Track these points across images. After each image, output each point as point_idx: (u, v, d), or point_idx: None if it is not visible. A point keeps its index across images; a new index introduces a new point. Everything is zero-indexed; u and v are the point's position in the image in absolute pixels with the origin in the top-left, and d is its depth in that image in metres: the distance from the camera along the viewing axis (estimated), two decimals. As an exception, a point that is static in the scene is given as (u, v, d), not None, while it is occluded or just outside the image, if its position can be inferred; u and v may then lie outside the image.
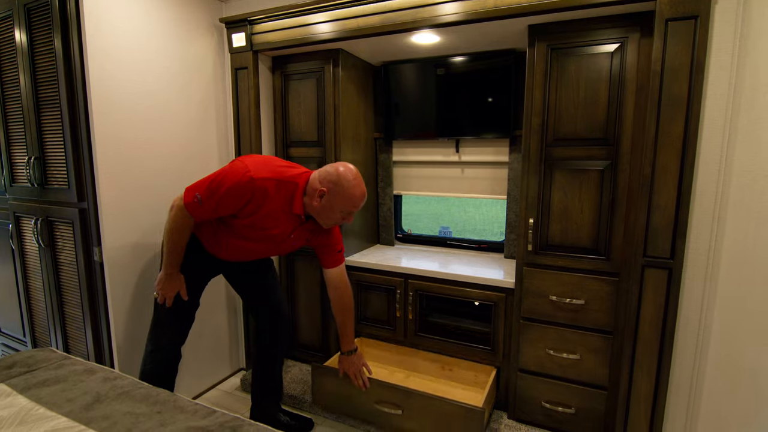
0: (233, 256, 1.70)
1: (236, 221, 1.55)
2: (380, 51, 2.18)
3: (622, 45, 1.59)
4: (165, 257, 1.59)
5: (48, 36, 1.82)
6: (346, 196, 1.53)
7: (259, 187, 1.45)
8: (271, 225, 1.56)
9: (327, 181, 1.53)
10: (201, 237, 1.65)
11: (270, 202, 1.50)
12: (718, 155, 1.44)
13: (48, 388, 1.29)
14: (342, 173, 1.53)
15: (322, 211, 1.56)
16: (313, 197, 1.55)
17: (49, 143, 1.92)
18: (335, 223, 1.62)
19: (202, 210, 1.49)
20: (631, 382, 1.63)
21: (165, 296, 1.63)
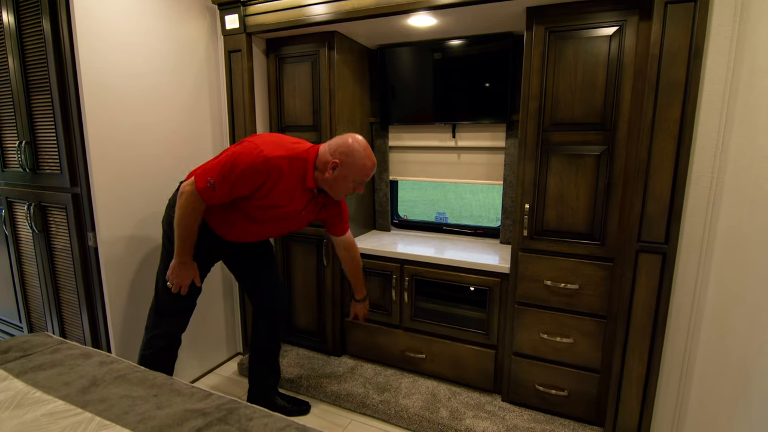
0: (242, 238, 1.69)
1: (249, 202, 1.54)
2: (376, 33, 2.14)
3: (620, 28, 1.57)
4: (177, 245, 1.54)
5: (36, 17, 1.78)
6: (359, 166, 1.54)
7: (274, 165, 1.45)
8: (284, 203, 1.56)
9: (339, 152, 1.53)
10: (209, 219, 1.63)
11: (284, 180, 1.50)
12: (715, 140, 1.44)
13: (44, 372, 1.29)
14: (352, 144, 1.54)
15: (335, 183, 1.57)
16: (325, 170, 1.55)
17: (40, 127, 1.90)
18: (347, 193, 1.63)
19: (216, 194, 1.47)
20: (623, 366, 1.65)
21: (180, 285, 1.60)
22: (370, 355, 2.35)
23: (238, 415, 1.11)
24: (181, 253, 1.55)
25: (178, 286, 1.61)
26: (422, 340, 2.19)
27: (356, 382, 2.14)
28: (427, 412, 1.91)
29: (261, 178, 1.45)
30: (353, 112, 2.30)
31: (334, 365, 2.30)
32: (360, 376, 2.20)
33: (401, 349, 2.24)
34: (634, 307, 1.60)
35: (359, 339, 2.36)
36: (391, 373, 2.23)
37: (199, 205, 1.50)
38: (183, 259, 1.56)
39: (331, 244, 2.24)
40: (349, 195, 1.66)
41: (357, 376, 2.20)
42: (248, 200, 1.54)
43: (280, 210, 1.58)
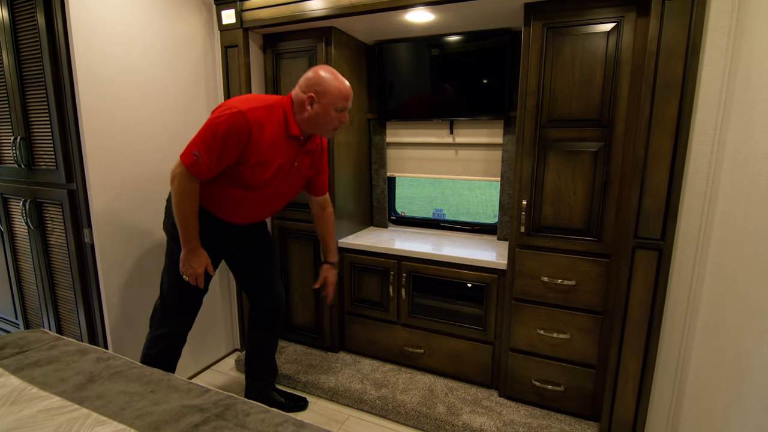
0: (243, 216, 1.65)
1: (240, 169, 1.50)
2: (374, 29, 2.13)
3: (618, 25, 1.57)
4: (181, 232, 1.50)
5: (31, 12, 1.76)
6: (334, 90, 1.50)
7: (253, 118, 1.43)
8: (273, 157, 1.52)
9: (310, 86, 1.51)
10: (207, 203, 1.58)
11: (267, 130, 1.47)
12: (711, 137, 1.44)
13: (40, 369, 1.29)
14: (320, 73, 1.51)
15: (318, 118, 1.53)
16: (303, 109, 1.53)
17: (35, 123, 1.88)
18: (334, 126, 1.57)
19: (205, 166, 1.43)
20: (619, 361, 1.66)
21: (195, 275, 1.54)
22: (368, 351, 2.35)
23: (235, 410, 1.11)
24: (187, 239, 1.51)
25: (194, 277, 1.55)
26: (420, 336, 2.19)
27: (354, 378, 2.14)
28: (424, 407, 1.92)
29: (245, 135, 1.42)
30: (351, 109, 2.29)
31: (332, 361, 2.31)
32: (357, 371, 2.21)
33: (399, 345, 2.25)
34: (631, 303, 1.60)
35: (357, 335, 2.36)
36: (388, 368, 2.24)
37: (192, 184, 1.46)
38: (191, 246, 1.52)
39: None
40: (336, 127, 1.59)
41: (354, 371, 2.21)
42: (239, 166, 1.50)
43: (272, 167, 1.54)
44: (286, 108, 1.54)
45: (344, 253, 2.30)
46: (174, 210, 1.49)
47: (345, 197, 2.33)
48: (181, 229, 1.50)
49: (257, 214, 1.70)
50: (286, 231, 2.37)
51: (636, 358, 1.63)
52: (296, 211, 2.29)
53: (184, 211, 1.48)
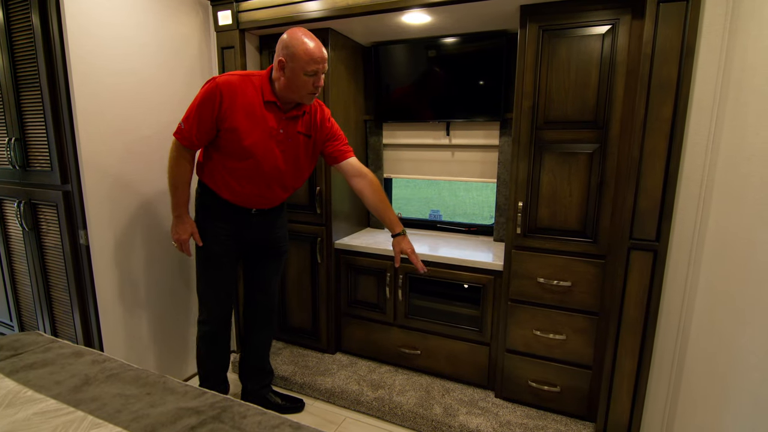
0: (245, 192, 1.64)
1: (221, 135, 1.55)
2: (371, 31, 2.14)
3: (613, 27, 1.58)
4: (171, 197, 1.64)
5: (25, 13, 1.75)
6: (301, 52, 1.46)
7: (224, 82, 1.50)
8: (250, 122, 1.53)
9: (280, 50, 1.50)
10: (212, 181, 1.65)
11: (240, 95, 1.52)
12: (706, 138, 1.45)
13: (35, 371, 1.28)
14: (290, 34, 1.49)
15: (290, 83, 1.51)
16: (278, 78, 1.53)
17: (29, 124, 1.87)
18: (309, 91, 1.53)
19: (187, 132, 1.54)
20: (615, 362, 1.67)
21: (179, 242, 1.69)
22: (365, 352, 2.35)
23: (231, 413, 1.11)
24: (174, 205, 1.65)
25: (179, 244, 1.69)
26: (417, 337, 2.19)
27: (350, 380, 2.14)
28: (420, 408, 1.92)
29: (216, 100, 1.50)
30: (347, 110, 2.29)
31: (328, 362, 2.31)
32: (354, 373, 2.21)
33: (396, 346, 2.25)
34: (626, 303, 1.61)
35: (354, 336, 2.36)
36: (385, 369, 2.24)
37: (181, 152, 1.59)
38: (177, 212, 1.65)
39: (326, 236, 2.24)
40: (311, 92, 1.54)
41: (351, 373, 2.21)
42: (220, 134, 1.55)
43: (252, 134, 1.54)
44: (263, 75, 1.57)
45: (340, 254, 2.30)
46: (168, 177, 1.63)
47: (341, 198, 2.33)
48: (170, 194, 1.64)
49: (260, 193, 1.66)
50: (283, 232, 2.36)
51: (631, 358, 1.64)
52: (292, 212, 2.28)
53: (172, 177, 1.62)
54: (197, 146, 1.59)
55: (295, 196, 2.27)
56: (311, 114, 1.70)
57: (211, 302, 1.77)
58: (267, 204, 1.73)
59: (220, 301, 1.78)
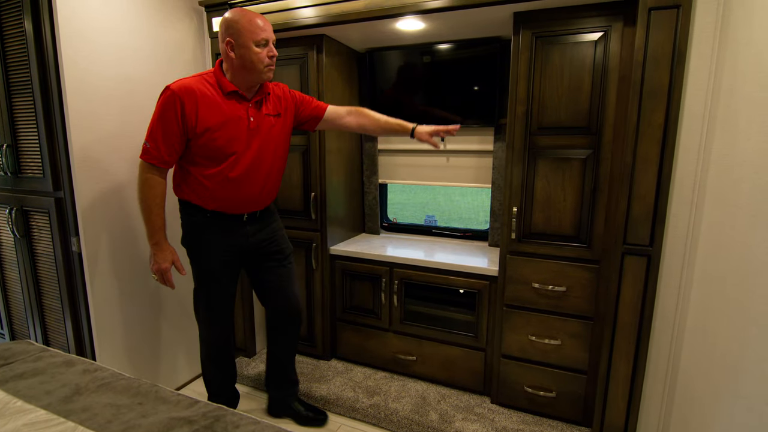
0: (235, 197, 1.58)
1: (194, 143, 1.48)
2: (365, 37, 2.14)
3: (605, 34, 1.59)
4: (145, 225, 1.52)
5: (18, 18, 1.74)
6: (246, 25, 1.45)
7: (180, 87, 1.44)
8: (218, 118, 1.49)
9: (223, 33, 1.48)
10: (193, 197, 1.57)
11: (201, 97, 1.46)
12: (698, 144, 1.46)
13: (25, 381, 1.26)
14: (228, 16, 1.48)
15: (244, 61, 1.47)
16: (230, 61, 1.49)
17: (22, 130, 1.86)
18: (265, 64, 1.50)
19: (154, 150, 1.46)
20: (610, 366, 1.67)
21: (160, 272, 1.56)
22: (360, 359, 2.34)
23: (224, 422, 1.10)
24: (151, 232, 1.52)
25: (161, 276, 1.56)
26: (412, 343, 2.19)
27: (346, 386, 2.13)
28: (416, 415, 1.91)
29: (177, 106, 1.43)
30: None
31: (324, 369, 2.29)
32: (350, 380, 2.19)
33: (391, 352, 2.24)
34: (620, 308, 1.62)
35: (349, 342, 2.35)
36: (381, 376, 2.23)
37: (149, 174, 1.48)
38: (155, 239, 1.53)
39: (321, 242, 2.23)
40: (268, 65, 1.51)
41: (346, 379, 2.19)
42: (192, 142, 1.48)
43: (224, 130, 1.50)
44: (215, 71, 1.53)
45: (335, 260, 2.30)
46: (138, 202, 1.51)
47: (337, 204, 2.33)
48: (144, 220, 1.52)
49: (248, 192, 1.61)
50: (278, 238, 2.35)
51: (626, 363, 1.64)
52: (286, 218, 2.28)
53: (145, 201, 1.50)
54: (169, 163, 1.50)
55: (290, 202, 2.27)
56: (273, 93, 1.66)
57: (211, 320, 1.73)
58: (257, 205, 1.67)
59: (219, 319, 1.74)
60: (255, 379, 2.23)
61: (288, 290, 1.84)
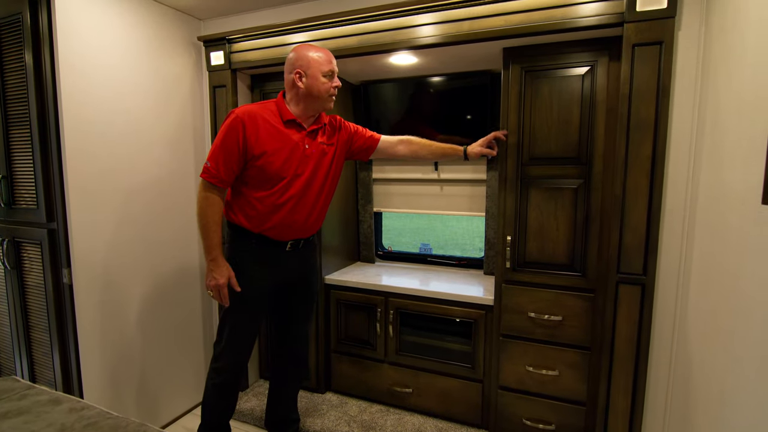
0: (284, 223, 1.60)
1: (251, 165, 1.54)
2: (359, 71, 2.20)
3: (592, 68, 1.64)
4: (203, 241, 1.55)
5: (18, 52, 1.78)
6: (316, 57, 1.56)
7: (243, 112, 1.52)
8: (275, 144, 1.55)
9: (294, 65, 1.57)
10: (243, 220, 1.60)
11: (260, 120, 1.53)
12: (686, 175, 1.49)
13: (9, 421, 1.22)
14: (297, 50, 1.58)
15: (311, 90, 1.57)
16: (296, 89, 1.58)
17: (17, 162, 1.86)
18: (330, 93, 1.61)
19: (214, 169, 1.51)
20: (608, 398, 1.65)
21: (217, 289, 1.56)
22: (356, 391, 2.29)
23: (214, 463, 1.06)
24: (209, 248, 1.55)
25: (217, 292, 1.57)
26: (408, 375, 2.15)
27: (341, 421, 2.08)
28: (413, 450, 1.86)
29: (240, 130, 1.50)
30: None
31: (318, 402, 2.24)
32: (345, 413, 2.14)
33: (387, 384, 2.19)
34: (617, 338, 1.61)
35: (344, 374, 2.31)
36: (376, 409, 2.18)
37: (209, 192, 1.53)
38: (212, 254, 1.55)
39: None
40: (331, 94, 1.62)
41: (341, 413, 2.14)
42: (249, 164, 1.54)
43: (280, 155, 1.55)
44: (278, 101, 1.62)
45: (330, 289, 2.28)
46: (197, 219, 1.55)
47: (332, 232, 2.33)
48: (202, 237, 1.56)
49: (296, 218, 1.63)
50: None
51: (625, 395, 1.62)
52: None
53: (204, 217, 1.54)
54: (227, 183, 1.55)
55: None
56: (329, 125, 1.73)
57: (235, 350, 1.68)
58: (303, 233, 1.68)
59: (243, 350, 1.70)
60: (248, 414, 2.17)
61: (303, 336, 1.87)
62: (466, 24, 1.66)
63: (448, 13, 1.68)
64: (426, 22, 1.72)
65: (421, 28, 1.74)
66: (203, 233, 1.55)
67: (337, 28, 1.87)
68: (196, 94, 2.30)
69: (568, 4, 1.52)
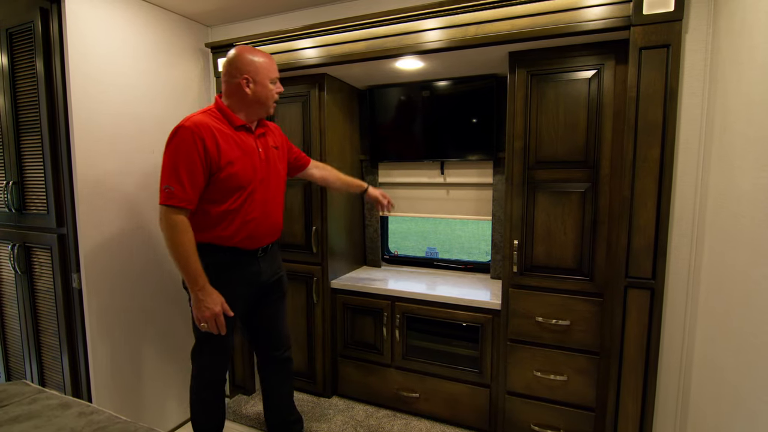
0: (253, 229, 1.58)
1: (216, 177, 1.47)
2: (366, 75, 2.21)
3: (598, 71, 1.64)
4: (184, 272, 1.42)
5: (30, 60, 1.80)
6: (264, 64, 1.55)
7: (193, 124, 1.43)
8: (235, 151, 1.51)
9: (239, 70, 1.53)
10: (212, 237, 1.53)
11: (214, 129, 1.47)
12: (694, 179, 1.48)
13: (20, 425, 1.23)
14: (240, 53, 1.54)
15: (260, 96, 1.55)
16: (242, 95, 1.54)
17: (28, 168, 1.89)
18: (273, 99, 1.60)
19: (181, 191, 1.40)
20: (618, 403, 1.63)
21: (213, 317, 1.43)
22: (362, 396, 2.29)
23: (223, 468, 1.06)
24: (194, 278, 1.41)
25: (213, 320, 1.44)
26: (415, 379, 2.14)
27: (347, 425, 2.07)
28: (420, 456, 1.85)
29: (198, 143, 1.42)
30: (343, 150, 2.33)
31: (324, 407, 2.23)
32: (351, 418, 2.13)
33: (394, 389, 2.19)
34: (626, 343, 1.59)
35: (350, 378, 2.30)
36: (383, 414, 2.17)
37: (178, 216, 1.41)
38: (199, 284, 1.42)
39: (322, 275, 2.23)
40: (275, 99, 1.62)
41: (348, 418, 2.13)
42: (215, 177, 1.47)
43: (242, 161, 1.52)
44: (220, 106, 1.56)
45: (336, 293, 2.28)
46: (170, 251, 1.42)
47: (338, 236, 2.34)
48: (182, 267, 1.42)
49: (266, 222, 1.62)
50: (279, 272, 2.35)
51: (634, 400, 1.60)
52: (287, 252, 2.28)
53: (182, 247, 1.41)
54: (194, 203, 1.45)
55: (291, 235, 2.27)
56: (269, 128, 1.74)
57: (216, 365, 1.68)
58: (272, 235, 1.69)
59: (224, 363, 1.70)
60: (255, 418, 2.17)
61: (281, 330, 1.86)
62: (472, 28, 1.67)
63: (454, 18, 1.69)
64: (432, 27, 1.73)
65: (427, 33, 1.74)
66: (183, 263, 1.41)
67: (343, 33, 1.88)
68: (203, 99, 2.32)
69: (575, 8, 1.52)
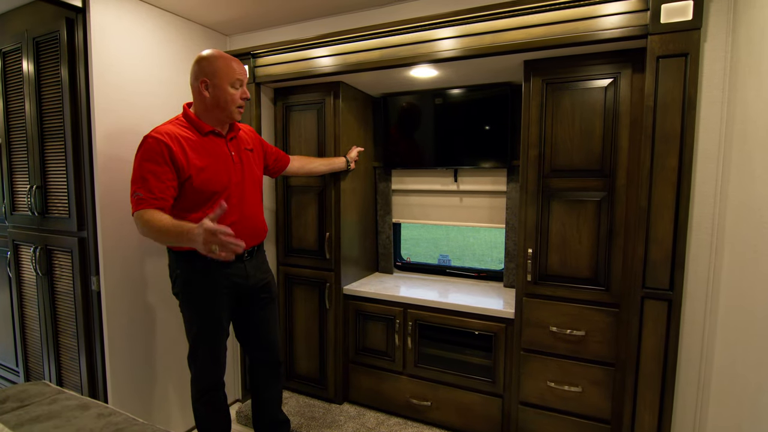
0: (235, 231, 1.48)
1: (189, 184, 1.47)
2: (380, 83, 2.23)
3: (615, 80, 1.63)
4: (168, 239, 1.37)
5: (55, 68, 1.86)
6: (222, 66, 1.51)
7: (161, 133, 1.44)
8: (207, 158, 1.51)
9: (198, 76, 1.52)
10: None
11: (181, 137, 1.48)
12: (713, 189, 1.46)
13: (40, 425, 1.26)
14: (203, 56, 1.53)
15: (218, 100, 1.52)
16: (202, 99, 1.52)
17: (51, 172, 1.94)
18: (238, 103, 1.56)
19: (151, 197, 1.38)
20: (634, 416, 1.60)
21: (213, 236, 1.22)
22: (373, 403, 2.28)
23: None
24: (177, 234, 1.32)
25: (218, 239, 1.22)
26: (427, 387, 2.13)
27: (358, 432, 2.07)
28: (432, 465, 1.83)
29: (164, 152, 1.41)
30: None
31: (335, 414, 2.23)
32: (362, 425, 2.13)
33: (405, 397, 2.18)
34: (642, 355, 1.56)
35: (362, 385, 2.30)
36: (394, 422, 2.16)
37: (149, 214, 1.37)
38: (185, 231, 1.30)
39: (335, 282, 2.24)
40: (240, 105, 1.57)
41: (359, 425, 2.13)
42: (189, 185, 1.47)
43: (215, 167, 1.53)
44: (187, 114, 1.56)
45: (349, 300, 2.29)
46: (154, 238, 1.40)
47: (351, 243, 2.35)
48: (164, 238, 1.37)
49: (243, 226, 1.61)
50: (291, 278, 2.36)
51: (651, 413, 1.57)
52: (300, 257, 2.30)
53: (154, 229, 1.35)
54: (164, 200, 1.42)
55: (305, 241, 2.29)
56: (242, 131, 1.74)
57: (211, 369, 1.68)
58: (255, 237, 1.69)
59: (218, 367, 1.71)
60: (266, 422, 2.18)
61: (271, 338, 1.84)
62: (487, 37, 1.67)
63: (469, 27, 1.70)
64: (447, 35, 1.74)
65: (442, 41, 1.76)
66: (162, 236, 1.37)
67: (358, 42, 1.91)
68: (220, 106, 2.36)
69: (591, 16, 1.52)
